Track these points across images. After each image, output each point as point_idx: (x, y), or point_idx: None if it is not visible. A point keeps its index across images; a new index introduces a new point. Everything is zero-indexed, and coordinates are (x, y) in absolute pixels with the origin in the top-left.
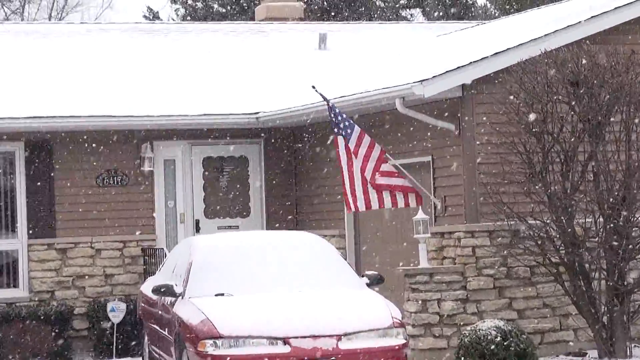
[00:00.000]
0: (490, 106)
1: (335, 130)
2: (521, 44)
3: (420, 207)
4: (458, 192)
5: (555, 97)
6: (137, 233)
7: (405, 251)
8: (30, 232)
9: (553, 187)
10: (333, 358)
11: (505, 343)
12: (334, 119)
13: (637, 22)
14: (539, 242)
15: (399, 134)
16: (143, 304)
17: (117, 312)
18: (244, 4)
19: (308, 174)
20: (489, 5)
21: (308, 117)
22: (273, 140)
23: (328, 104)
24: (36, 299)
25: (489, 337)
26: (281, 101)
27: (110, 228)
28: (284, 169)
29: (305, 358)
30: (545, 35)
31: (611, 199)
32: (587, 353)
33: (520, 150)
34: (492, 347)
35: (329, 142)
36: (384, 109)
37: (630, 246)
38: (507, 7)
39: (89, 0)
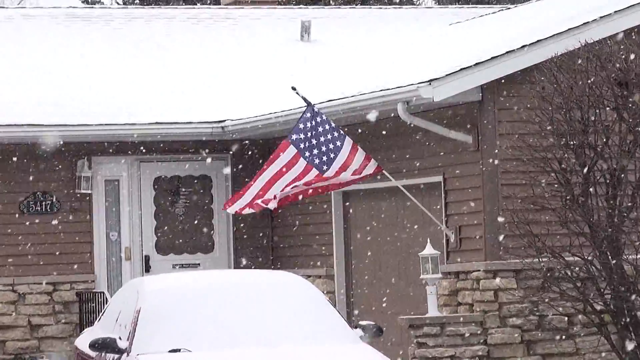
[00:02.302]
0: (517, 113)
1: (298, 143)
2: (555, 35)
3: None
4: (476, 221)
5: (598, 102)
6: (71, 273)
7: (410, 295)
8: None
9: (596, 214)
10: None
11: None
12: (309, 125)
13: None
14: (579, 285)
15: (402, 148)
16: None
17: None
18: None
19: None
20: None
21: (287, 126)
22: (243, 155)
23: (312, 110)
24: None
25: None
26: (254, 106)
27: (37, 267)
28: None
29: None
30: (585, 23)
31: None
32: None
33: (555, 168)
34: None
35: None
36: (382, 116)
37: None
38: None
39: None
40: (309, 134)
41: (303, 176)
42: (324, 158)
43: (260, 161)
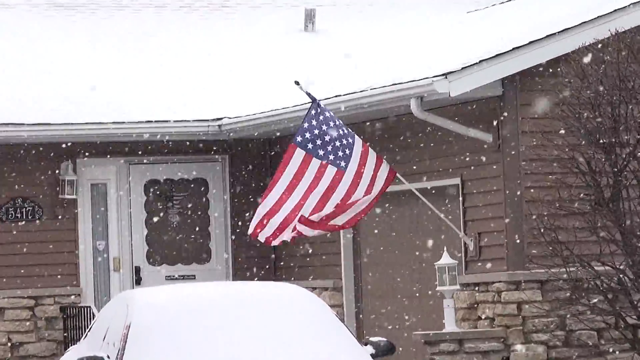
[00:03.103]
0: (542, 108)
1: (305, 144)
2: (583, 23)
3: (444, 248)
4: (497, 228)
5: (630, 96)
6: (55, 286)
7: (426, 309)
8: None
9: (628, 219)
10: None
11: None
12: (314, 122)
13: None
14: (610, 297)
15: (415, 148)
16: None
17: None
18: None
19: None
20: None
21: (291, 124)
22: (242, 157)
23: (317, 107)
24: None
25: None
26: (253, 103)
27: (17, 279)
28: (257, 197)
29: None
30: (616, 10)
31: None
32: None
33: (583, 169)
34: None
35: None
36: (394, 113)
37: None
38: None
39: None
40: (317, 132)
41: (320, 177)
42: (340, 153)
43: (262, 162)
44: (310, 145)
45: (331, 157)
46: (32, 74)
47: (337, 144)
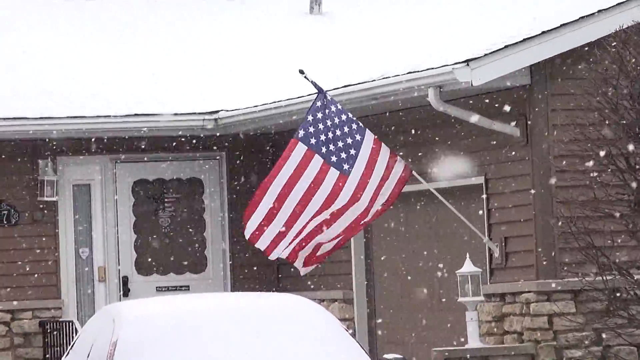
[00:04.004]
0: (575, 99)
1: (308, 138)
2: (620, 4)
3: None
4: (526, 232)
5: None
6: (33, 298)
7: (446, 322)
8: None
9: None
10: None
11: None
12: (319, 116)
13: None
14: None
15: (434, 144)
16: None
17: None
18: None
19: None
20: None
21: (295, 117)
22: (241, 154)
23: (324, 98)
24: None
25: None
26: (253, 94)
27: None
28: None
29: None
30: None
31: None
32: None
33: (621, 167)
34: None
35: None
36: (410, 104)
37: None
38: None
39: None
40: (321, 126)
41: (322, 179)
42: (343, 155)
43: (263, 160)
44: (313, 141)
45: (334, 158)
46: (6, 62)
47: (342, 143)
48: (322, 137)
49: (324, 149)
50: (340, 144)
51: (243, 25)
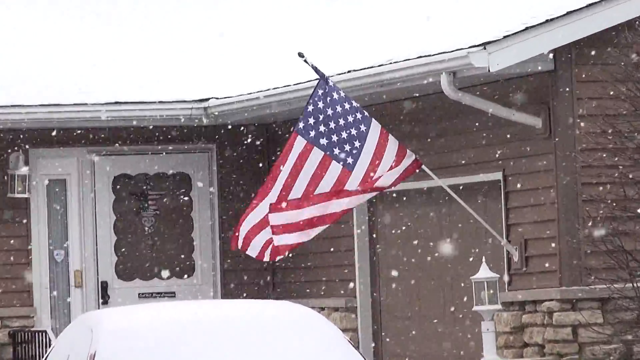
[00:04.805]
0: (603, 86)
1: (306, 130)
2: None
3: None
4: (548, 233)
5: None
6: (2, 306)
7: (459, 333)
8: None
9: None
10: None
11: None
12: (320, 105)
13: None
14: None
15: (446, 136)
16: None
17: None
18: None
19: None
20: None
21: (294, 106)
22: (234, 146)
23: (326, 84)
24: None
25: None
26: (247, 81)
27: None
28: (252, 195)
29: None
30: None
31: None
32: None
33: None
34: None
35: None
36: (420, 92)
37: None
38: None
39: None
40: (321, 117)
41: (322, 173)
42: (347, 147)
43: (258, 152)
44: (312, 133)
45: (336, 150)
46: None
47: (344, 135)
48: (322, 128)
49: (324, 141)
50: (344, 134)
51: (237, 6)
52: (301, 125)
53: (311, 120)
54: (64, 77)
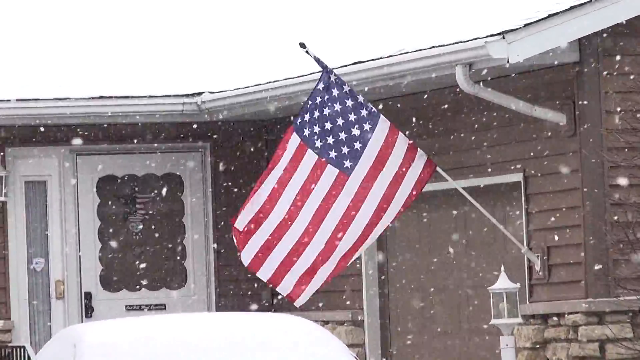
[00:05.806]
0: (633, 80)
1: (303, 128)
2: None
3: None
4: (573, 240)
5: None
6: None
7: (476, 349)
8: None
9: None
10: None
11: None
12: (318, 100)
13: None
14: None
15: (461, 133)
16: None
17: None
18: None
19: None
20: None
21: (295, 101)
22: (229, 145)
23: (328, 77)
24: None
25: None
26: (244, 73)
27: None
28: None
29: None
30: None
31: None
32: None
33: None
34: None
35: None
36: (433, 85)
37: None
38: None
39: None
40: (316, 114)
41: (315, 178)
42: (344, 149)
43: (256, 151)
44: (307, 132)
45: (332, 153)
46: None
47: (342, 135)
48: (317, 129)
49: (318, 143)
50: (341, 135)
51: None
52: (298, 121)
53: (307, 117)
54: (44, 71)
